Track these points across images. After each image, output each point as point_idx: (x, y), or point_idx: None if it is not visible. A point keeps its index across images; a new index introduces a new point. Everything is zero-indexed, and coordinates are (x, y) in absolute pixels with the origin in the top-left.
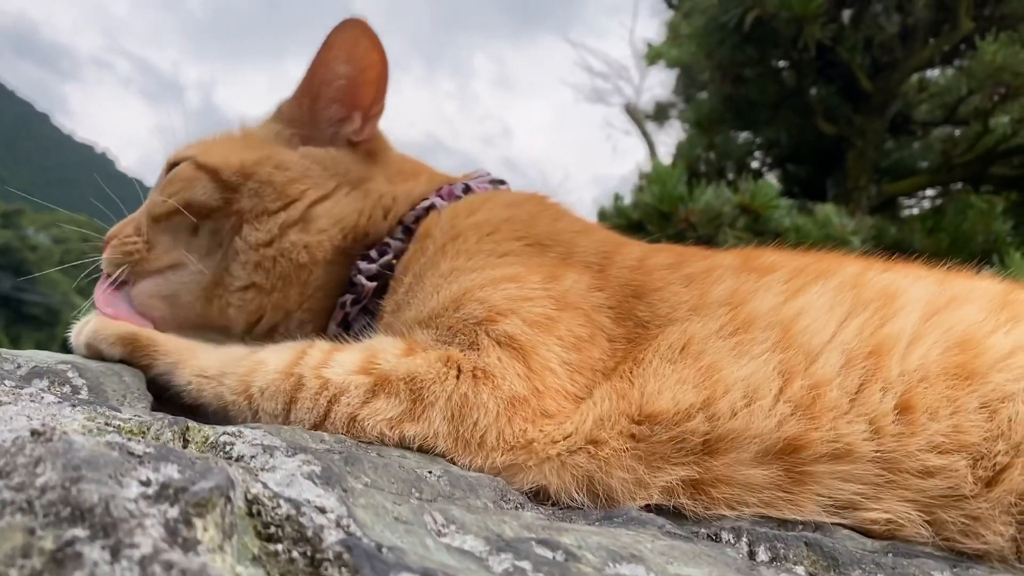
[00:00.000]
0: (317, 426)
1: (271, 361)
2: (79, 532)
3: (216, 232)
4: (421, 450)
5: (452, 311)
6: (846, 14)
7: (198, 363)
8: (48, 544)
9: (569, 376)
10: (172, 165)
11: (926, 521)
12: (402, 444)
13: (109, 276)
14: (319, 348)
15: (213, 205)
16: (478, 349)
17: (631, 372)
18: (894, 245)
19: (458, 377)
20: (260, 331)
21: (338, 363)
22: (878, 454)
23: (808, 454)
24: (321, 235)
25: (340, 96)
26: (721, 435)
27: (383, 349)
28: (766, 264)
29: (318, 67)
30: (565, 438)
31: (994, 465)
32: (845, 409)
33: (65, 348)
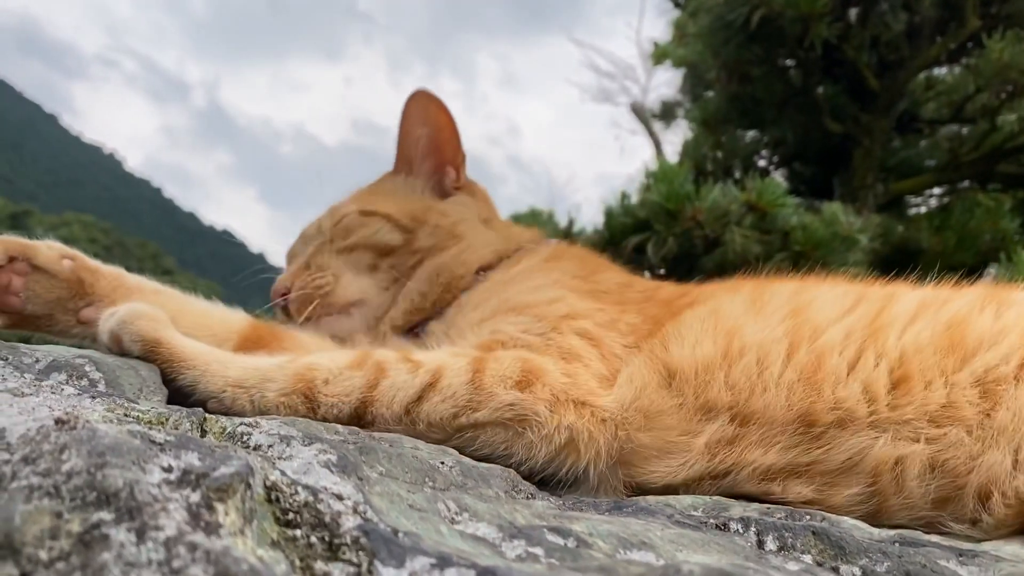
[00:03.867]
0: (408, 411)
1: (324, 359)
2: (105, 515)
3: (394, 267)
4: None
5: (546, 305)
6: (852, 12)
7: (230, 374)
8: (75, 527)
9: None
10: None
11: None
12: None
13: (299, 312)
14: (381, 352)
15: (395, 244)
16: (562, 333)
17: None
18: (901, 243)
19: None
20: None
21: (422, 358)
22: (874, 419)
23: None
24: (479, 253)
25: (428, 153)
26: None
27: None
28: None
29: (403, 135)
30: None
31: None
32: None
33: (74, 346)
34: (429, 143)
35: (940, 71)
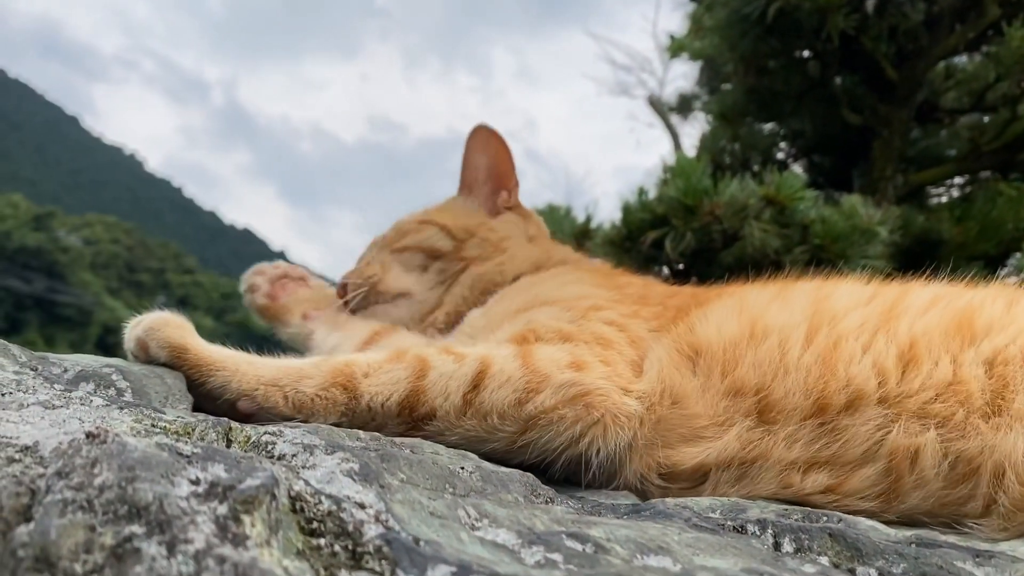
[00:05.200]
0: (468, 400)
1: (360, 357)
2: (136, 529)
3: (442, 271)
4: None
5: (575, 300)
6: (870, 3)
7: (263, 373)
8: (108, 540)
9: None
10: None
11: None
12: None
13: (346, 299)
14: (418, 347)
15: (444, 250)
16: (590, 320)
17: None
18: (922, 234)
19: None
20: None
21: (463, 351)
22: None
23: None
24: (518, 265)
25: (487, 178)
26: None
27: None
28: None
29: (466, 162)
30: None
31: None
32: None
33: (99, 347)
34: (488, 170)
35: (960, 60)
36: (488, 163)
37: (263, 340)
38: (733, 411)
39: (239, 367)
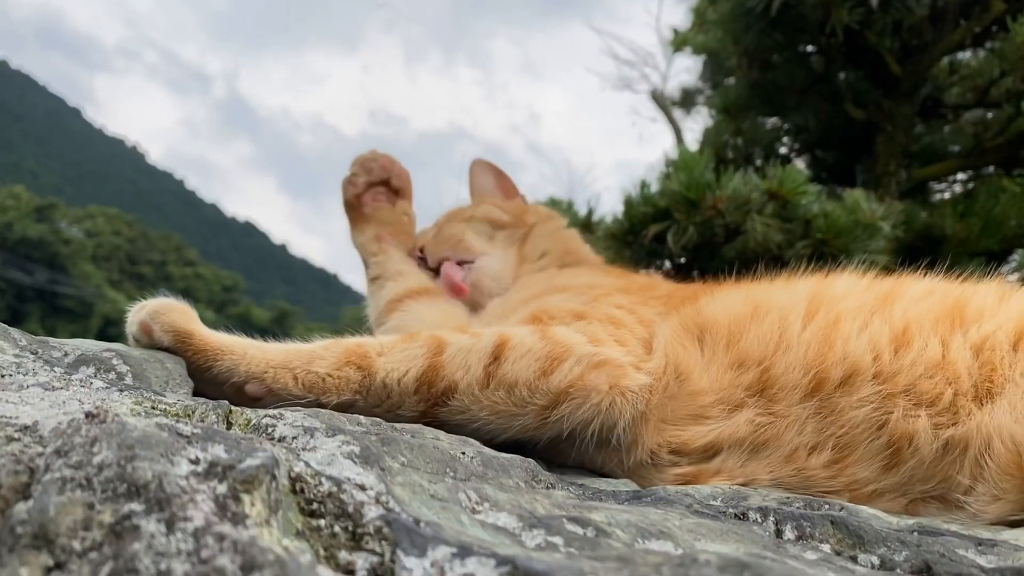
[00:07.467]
0: (489, 373)
1: (372, 340)
2: (135, 506)
3: (509, 237)
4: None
5: (585, 287)
6: None
7: (271, 357)
8: (107, 517)
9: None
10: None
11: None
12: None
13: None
14: (434, 333)
15: (505, 221)
16: (601, 303)
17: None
18: (924, 230)
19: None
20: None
21: (479, 330)
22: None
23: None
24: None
25: (495, 189)
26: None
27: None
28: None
29: (473, 187)
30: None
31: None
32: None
33: (100, 339)
34: (494, 184)
35: (964, 55)
36: (493, 181)
37: (264, 333)
38: (737, 385)
39: (247, 351)
